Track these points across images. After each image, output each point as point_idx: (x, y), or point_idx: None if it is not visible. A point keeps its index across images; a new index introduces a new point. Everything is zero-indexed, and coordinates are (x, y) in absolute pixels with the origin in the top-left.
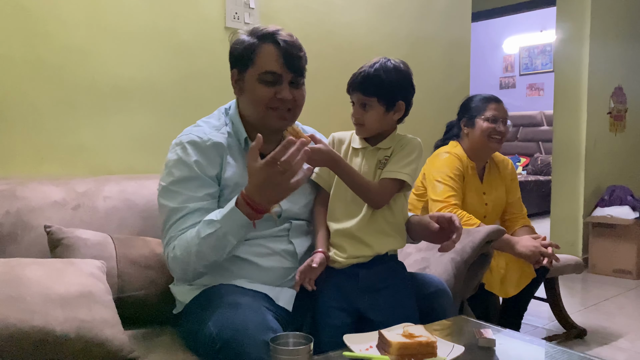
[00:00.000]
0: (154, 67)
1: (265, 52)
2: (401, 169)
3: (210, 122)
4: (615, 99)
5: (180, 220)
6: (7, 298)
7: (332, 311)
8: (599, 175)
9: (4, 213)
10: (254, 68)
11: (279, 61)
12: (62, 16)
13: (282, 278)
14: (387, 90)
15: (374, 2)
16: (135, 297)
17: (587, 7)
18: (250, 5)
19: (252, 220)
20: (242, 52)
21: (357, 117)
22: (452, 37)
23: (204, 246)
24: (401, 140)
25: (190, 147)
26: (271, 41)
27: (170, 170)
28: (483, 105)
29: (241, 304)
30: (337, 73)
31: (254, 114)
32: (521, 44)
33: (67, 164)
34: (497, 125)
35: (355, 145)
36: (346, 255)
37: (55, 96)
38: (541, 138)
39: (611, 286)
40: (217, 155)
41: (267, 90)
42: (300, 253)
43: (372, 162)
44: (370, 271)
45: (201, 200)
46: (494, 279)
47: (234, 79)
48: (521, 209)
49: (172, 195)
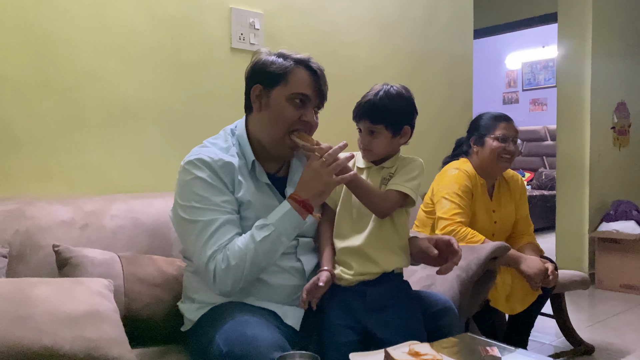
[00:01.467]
0: (160, 87)
1: (300, 75)
2: (405, 182)
3: (218, 144)
4: (619, 114)
5: (217, 234)
6: (16, 318)
7: (338, 329)
8: (603, 190)
9: (13, 232)
10: (285, 87)
11: (311, 86)
12: (71, 38)
13: (290, 296)
14: (393, 117)
15: (377, 21)
16: (142, 315)
17: (589, 23)
18: (256, 26)
19: (304, 218)
20: (274, 70)
21: (365, 144)
22: (454, 54)
23: (259, 251)
24: (404, 159)
25: (203, 165)
26: (305, 66)
27: (190, 189)
28: (493, 124)
29: (250, 322)
30: (341, 92)
31: (271, 133)
32: (524, 60)
33: (75, 183)
34: (507, 144)
35: (360, 165)
36: (353, 272)
37: (64, 116)
38: (545, 153)
39: (618, 302)
40: (229, 174)
41: (294, 112)
42: (308, 270)
43: (377, 179)
44: (377, 289)
45: (229, 213)
46: (499, 296)
47: (255, 94)
48: (528, 226)
49: (200, 212)
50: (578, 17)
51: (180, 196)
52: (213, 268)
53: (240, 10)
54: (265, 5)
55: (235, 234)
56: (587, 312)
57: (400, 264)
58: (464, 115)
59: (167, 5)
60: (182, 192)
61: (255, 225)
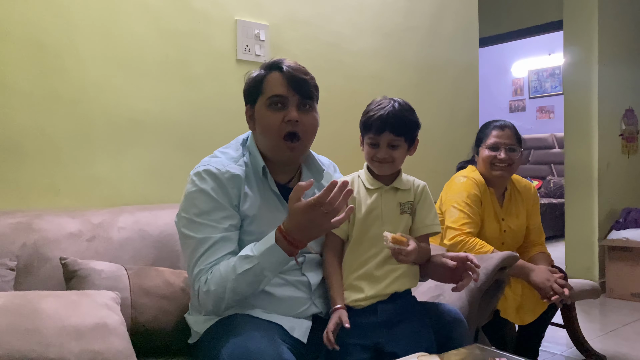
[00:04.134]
0: (167, 99)
1: (271, 79)
2: (434, 219)
3: (228, 153)
4: (627, 121)
5: (208, 252)
6: (24, 331)
7: (350, 348)
8: (613, 197)
9: (21, 245)
10: (262, 96)
11: (283, 84)
12: (78, 51)
13: (297, 308)
14: (412, 129)
15: (382, 31)
16: (149, 327)
17: (595, 30)
18: (261, 38)
19: (291, 255)
20: (252, 85)
21: (386, 157)
22: (460, 63)
23: (240, 282)
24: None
25: (209, 177)
26: (276, 69)
27: (192, 202)
28: (487, 132)
29: (256, 336)
30: (347, 102)
31: (268, 144)
32: (530, 68)
33: (82, 196)
34: (498, 153)
35: (369, 186)
36: (364, 295)
37: (71, 129)
38: (553, 160)
39: (630, 311)
40: (235, 187)
41: (275, 115)
42: (314, 284)
43: (392, 203)
44: (388, 305)
45: (226, 231)
46: (509, 306)
47: (248, 114)
48: (540, 236)
49: (197, 227)
50: (584, 24)
51: (183, 206)
52: (197, 288)
53: (246, 22)
54: (270, 17)
55: (226, 254)
56: (598, 321)
57: (410, 285)
58: (470, 124)
59: (173, 18)
60: (185, 202)
61: (239, 254)
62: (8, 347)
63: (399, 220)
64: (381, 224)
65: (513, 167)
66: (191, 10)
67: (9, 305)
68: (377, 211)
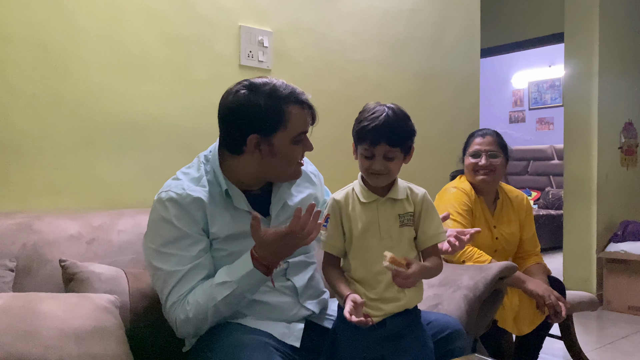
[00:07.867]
0: (169, 103)
1: (296, 115)
2: (438, 228)
3: (190, 174)
4: (626, 134)
5: (179, 285)
6: (23, 333)
7: None
8: (611, 210)
9: (20, 246)
10: (285, 132)
11: (307, 121)
12: (81, 54)
13: (286, 313)
14: (408, 138)
15: (385, 40)
16: (146, 332)
17: (595, 43)
18: (264, 44)
19: (267, 275)
20: (265, 116)
21: (381, 169)
22: (461, 73)
23: (220, 307)
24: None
25: (170, 205)
26: (296, 102)
27: (157, 231)
28: (469, 140)
29: (247, 346)
30: (348, 109)
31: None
32: (530, 79)
33: (83, 198)
34: (479, 159)
35: (363, 200)
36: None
37: (73, 131)
38: (552, 172)
39: (627, 324)
40: (199, 210)
41: (299, 149)
42: (300, 288)
43: (390, 215)
44: (397, 319)
45: (196, 258)
46: (507, 316)
47: (253, 143)
48: (535, 246)
49: (165, 258)
50: (585, 37)
51: (148, 235)
52: (174, 318)
53: (250, 28)
54: (274, 24)
55: (199, 280)
56: (595, 334)
57: (418, 300)
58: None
59: (177, 22)
60: (150, 231)
61: (216, 282)
62: (7, 348)
63: (399, 234)
64: (380, 239)
65: (497, 173)
66: (195, 15)
67: (8, 306)
68: (375, 226)
